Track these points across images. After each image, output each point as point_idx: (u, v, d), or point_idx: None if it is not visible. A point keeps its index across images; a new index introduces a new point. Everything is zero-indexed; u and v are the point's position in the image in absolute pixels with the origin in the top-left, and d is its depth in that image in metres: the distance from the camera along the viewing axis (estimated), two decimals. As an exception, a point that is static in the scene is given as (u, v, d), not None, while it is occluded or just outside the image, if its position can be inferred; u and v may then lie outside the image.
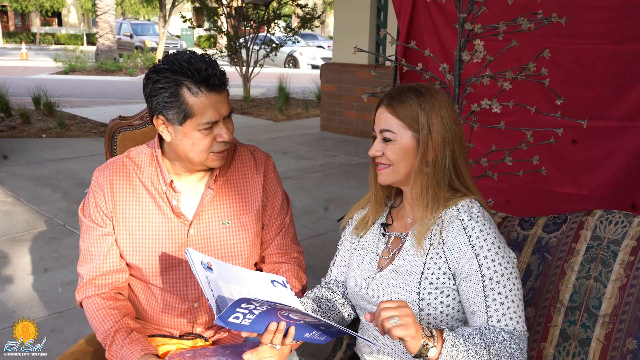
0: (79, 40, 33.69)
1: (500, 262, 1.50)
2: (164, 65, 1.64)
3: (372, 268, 1.64)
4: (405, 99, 1.54)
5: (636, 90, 3.13)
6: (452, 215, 1.56)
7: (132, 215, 1.78)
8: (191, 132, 1.65)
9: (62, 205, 5.43)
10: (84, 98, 12.63)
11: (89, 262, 1.79)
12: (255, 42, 11.71)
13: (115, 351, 1.67)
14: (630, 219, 1.74)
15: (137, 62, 19.76)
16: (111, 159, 1.85)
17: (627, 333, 1.62)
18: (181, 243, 1.80)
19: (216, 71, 1.63)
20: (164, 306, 1.84)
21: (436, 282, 1.52)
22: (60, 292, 3.72)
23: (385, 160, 1.57)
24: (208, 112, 1.63)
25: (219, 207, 1.83)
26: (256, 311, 1.32)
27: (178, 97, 1.62)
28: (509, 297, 1.49)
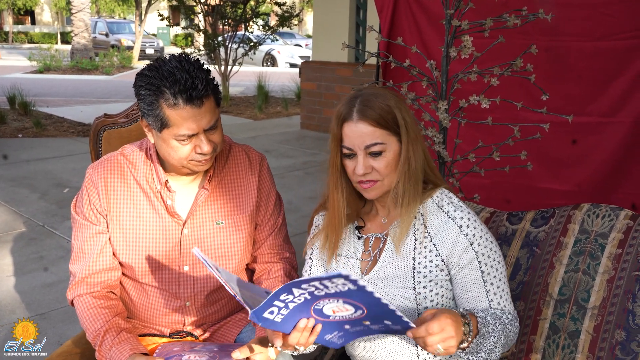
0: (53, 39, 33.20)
1: (491, 248, 1.52)
2: (148, 71, 1.61)
3: (357, 273, 1.62)
4: (376, 106, 1.48)
5: (615, 87, 3.17)
6: (432, 207, 1.57)
7: (126, 214, 1.76)
8: (169, 140, 1.63)
9: (40, 205, 5.35)
10: (60, 97, 12.45)
11: (82, 260, 1.77)
12: (234, 40, 11.66)
13: (104, 351, 1.65)
14: (617, 212, 1.77)
15: (114, 61, 19.54)
16: (105, 157, 1.83)
17: (616, 325, 1.65)
18: (175, 242, 1.79)
19: (197, 83, 1.56)
20: (155, 304, 1.83)
21: (430, 276, 1.52)
22: (42, 294, 3.66)
23: (377, 176, 1.51)
24: (185, 124, 1.59)
25: (213, 207, 1.82)
26: (292, 304, 1.29)
27: (156, 106, 1.59)
28: (502, 280, 1.53)
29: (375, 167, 1.50)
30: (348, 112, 1.50)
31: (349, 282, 1.21)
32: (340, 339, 1.44)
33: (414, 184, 1.53)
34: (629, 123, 3.11)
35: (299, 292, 1.26)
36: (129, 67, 20.07)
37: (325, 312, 1.33)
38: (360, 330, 1.40)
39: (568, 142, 3.25)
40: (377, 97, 1.50)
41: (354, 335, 1.43)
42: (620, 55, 3.13)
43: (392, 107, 1.49)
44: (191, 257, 1.81)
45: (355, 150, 1.51)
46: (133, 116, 2.24)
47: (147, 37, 24.56)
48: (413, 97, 2.22)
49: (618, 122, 3.15)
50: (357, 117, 1.49)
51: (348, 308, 1.31)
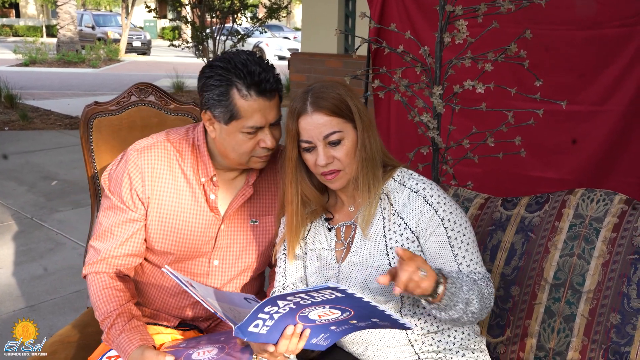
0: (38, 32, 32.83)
1: (457, 214, 1.55)
2: (220, 62, 1.61)
3: (333, 263, 1.63)
4: (328, 96, 1.51)
5: (606, 75, 3.19)
6: (394, 186, 1.60)
7: (167, 202, 1.73)
8: (235, 133, 1.62)
9: (28, 198, 5.30)
10: (46, 90, 12.32)
11: (108, 240, 1.73)
12: (222, 32, 11.58)
13: (113, 335, 1.63)
14: (612, 196, 1.77)
15: (100, 54, 19.35)
16: (151, 140, 1.77)
17: (611, 308, 1.65)
18: (210, 237, 1.77)
19: (269, 76, 1.59)
20: (175, 295, 1.82)
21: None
22: (32, 286, 3.63)
23: (339, 165, 1.54)
24: (255, 116, 1.60)
25: (251, 205, 1.81)
26: (277, 315, 1.28)
27: (227, 97, 1.59)
28: (470, 244, 1.55)
29: (336, 156, 1.53)
30: (302, 106, 1.53)
31: (337, 292, 1.20)
32: (326, 340, 1.43)
33: (373, 169, 1.56)
34: (620, 111, 3.13)
35: (284, 304, 1.25)
36: (116, 60, 19.91)
37: (310, 318, 1.32)
38: (347, 328, 1.39)
39: (559, 130, 3.26)
40: (327, 88, 1.54)
41: (340, 334, 1.42)
42: (610, 43, 3.14)
43: (344, 96, 1.53)
44: (222, 252, 1.80)
45: (314, 143, 1.53)
46: (124, 104, 2.22)
47: (133, 30, 24.34)
48: (406, 83, 2.21)
49: (609, 110, 3.16)
50: (311, 109, 1.51)
51: (334, 312, 1.30)
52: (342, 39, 8.52)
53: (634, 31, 3.05)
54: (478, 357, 1.60)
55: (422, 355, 1.57)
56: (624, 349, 1.61)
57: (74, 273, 3.76)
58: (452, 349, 1.58)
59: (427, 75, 2.18)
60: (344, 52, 8.51)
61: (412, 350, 1.57)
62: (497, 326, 1.81)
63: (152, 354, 1.57)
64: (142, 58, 22.26)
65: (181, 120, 2.24)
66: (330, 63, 8.42)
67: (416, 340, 1.57)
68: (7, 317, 3.24)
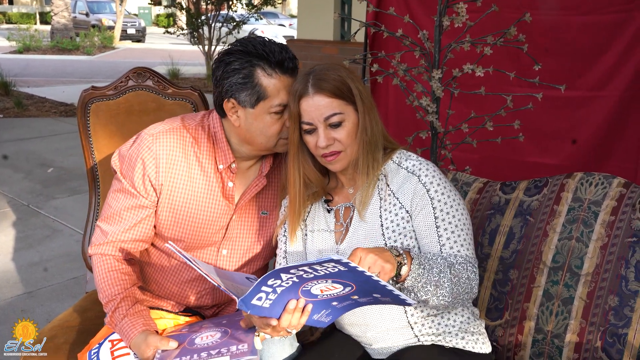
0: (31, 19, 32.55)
1: (449, 195, 1.55)
2: (239, 47, 1.62)
3: (332, 245, 1.65)
4: (329, 78, 1.52)
5: (603, 61, 3.18)
6: (392, 168, 1.61)
7: (180, 190, 1.72)
8: (262, 116, 1.63)
9: (24, 185, 5.28)
10: (41, 77, 12.24)
11: (117, 223, 1.72)
12: (217, 19, 11.52)
13: (116, 318, 1.64)
14: (610, 180, 1.77)
15: (95, 41, 19.20)
16: (166, 125, 1.74)
17: (609, 290, 1.66)
18: (221, 226, 1.77)
19: (290, 54, 1.63)
20: (182, 281, 1.82)
21: (398, 229, 1.55)
22: (29, 273, 3.63)
23: (340, 147, 1.54)
24: (281, 94, 1.61)
25: (262, 196, 1.81)
26: (280, 288, 1.28)
27: (252, 78, 1.60)
28: (459, 226, 1.54)
29: (337, 138, 1.53)
30: (303, 87, 1.54)
31: (340, 265, 1.21)
32: (327, 316, 1.44)
33: (373, 151, 1.57)
34: (617, 96, 3.13)
35: (287, 277, 1.26)
36: (111, 47, 19.76)
37: (313, 293, 1.33)
38: (348, 304, 1.39)
39: (557, 116, 3.27)
40: (328, 70, 1.55)
41: (341, 310, 1.43)
42: (607, 29, 3.13)
43: (345, 78, 1.54)
44: (231, 242, 1.80)
45: (315, 124, 1.53)
46: (121, 88, 2.21)
47: (128, 17, 24.17)
48: (405, 68, 2.20)
49: (606, 95, 3.17)
50: (313, 91, 1.52)
51: (337, 286, 1.30)
52: (339, 25, 8.48)
53: (631, 16, 3.05)
54: (477, 340, 1.61)
55: (421, 338, 1.58)
56: (621, 331, 1.62)
57: (71, 260, 3.76)
58: (451, 332, 1.59)
59: (426, 59, 2.18)
60: (340, 38, 8.48)
61: (411, 333, 1.58)
62: (495, 309, 1.81)
63: (155, 339, 1.57)
64: (137, 45, 22.13)
65: (179, 105, 2.23)
66: (326, 50, 8.39)
67: (416, 323, 1.58)
68: (5, 304, 3.24)
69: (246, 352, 1.47)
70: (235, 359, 1.46)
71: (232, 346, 1.51)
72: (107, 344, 1.64)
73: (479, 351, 1.60)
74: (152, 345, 1.56)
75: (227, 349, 1.50)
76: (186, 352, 1.52)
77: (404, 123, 3.62)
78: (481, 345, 1.61)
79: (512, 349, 1.77)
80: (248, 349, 1.48)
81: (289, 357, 1.65)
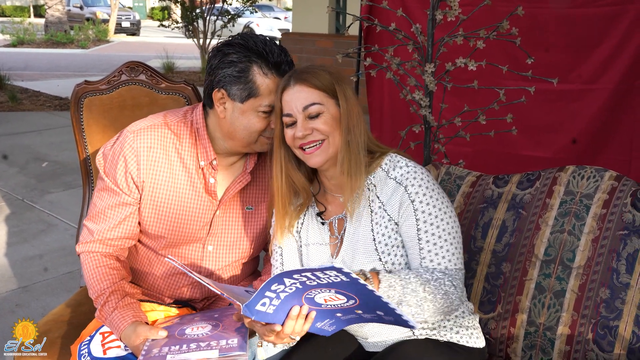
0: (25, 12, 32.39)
1: (434, 205, 1.52)
2: (240, 40, 1.62)
3: (327, 258, 1.64)
4: (315, 72, 1.53)
5: (597, 54, 3.19)
6: (381, 176, 1.58)
7: (162, 187, 1.72)
8: (249, 112, 1.63)
9: (19, 179, 5.27)
10: (35, 71, 12.19)
11: (102, 222, 1.73)
12: (212, 12, 11.48)
13: (106, 312, 1.64)
14: (602, 173, 1.78)
15: (89, 34, 19.12)
16: (148, 122, 1.75)
17: (601, 283, 1.67)
18: (205, 222, 1.77)
19: (288, 58, 1.63)
20: (169, 276, 1.83)
21: (389, 241, 1.55)
22: (24, 267, 3.62)
23: (319, 136, 1.52)
24: (272, 95, 1.61)
25: (247, 192, 1.81)
26: (283, 294, 1.28)
27: (247, 74, 1.60)
28: (442, 236, 1.52)
29: (315, 127, 1.52)
30: (287, 81, 1.55)
31: (342, 275, 1.21)
32: (331, 326, 1.44)
33: (357, 150, 1.54)
34: (610, 89, 3.15)
35: (290, 282, 1.26)
36: (105, 40, 19.70)
37: (317, 301, 1.33)
38: (352, 318, 1.39)
39: (550, 109, 3.28)
40: (314, 67, 1.56)
41: (345, 322, 1.42)
42: (600, 22, 3.14)
43: (332, 77, 1.54)
44: (216, 238, 1.80)
45: (294, 115, 1.53)
46: (114, 83, 2.20)
47: (122, 10, 24.09)
48: (398, 62, 2.20)
49: (599, 89, 3.18)
50: (294, 82, 1.54)
51: (340, 297, 1.30)
52: (333, 19, 8.47)
53: (625, 9, 3.06)
54: (472, 334, 1.62)
55: (416, 332, 1.59)
56: (612, 324, 1.63)
57: (66, 254, 3.76)
58: (446, 326, 1.60)
59: (419, 53, 2.18)
60: (335, 32, 8.47)
61: (406, 326, 1.59)
62: (488, 302, 1.82)
63: (144, 328, 1.57)
64: (132, 38, 22.05)
65: (172, 99, 2.23)
66: (321, 43, 8.38)
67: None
68: (0, 299, 3.24)
69: (235, 348, 1.48)
70: (224, 354, 1.47)
71: (222, 340, 1.51)
72: (98, 337, 1.65)
73: (473, 345, 1.61)
74: (142, 335, 1.57)
75: (216, 342, 1.50)
76: (175, 342, 1.53)
77: (399, 117, 3.63)
78: (475, 339, 1.62)
79: (505, 341, 1.78)
80: (237, 345, 1.49)
81: (283, 349, 1.65)
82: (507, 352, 1.79)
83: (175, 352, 1.48)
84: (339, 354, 1.67)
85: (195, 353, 1.47)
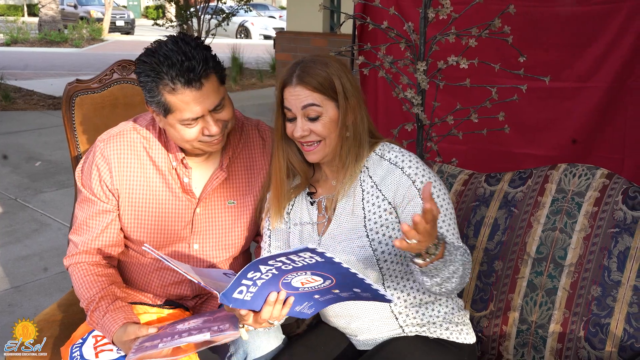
0: (19, 11, 32.25)
1: (434, 186, 1.55)
2: (144, 57, 1.56)
3: (314, 236, 1.65)
4: (314, 72, 1.53)
5: (590, 52, 3.19)
6: (374, 159, 1.61)
7: (138, 191, 1.72)
8: (175, 125, 1.60)
9: (13, 179, 5.25)
10: (28, 70, 12.14)
11: (85, 233, 1.73)
12: (207, 11, 11.45)
13: (97, 318, 1.64)
14: (594, 171, 1.79)
15: (83, 33, 19.04)
16: (117, 129, 1.75)
17: (592, 281, 1.68)
18: (187, 221, 1.77)
19: (193, 64, 1.51)
20: (159, 279, 1.82)
21: (380, 221, 1.56)
22: (16, 267, 3.61)
23: (315, 137, 1.55)
24: (188, 108, 1.54)
25: (227, 187, 1.80)
26: (260, 281, 1.29)
27: (156, 93, 1.55)
28: (448, 216, 1.55)
29: (313, 129, 1.54)
30: (288, 77, 1.55)
31: (316, 255, 1.22)
32: (310, 308, 1.45)
33: (357, 147, 1.58)
34: (604, 88, 3.15)
35: (266, 269, 1.26)
36: (99, 39, 19.62)
37: (294, 285, 1.34)
38: (330, 298, 1.40)
39: (543, 107, 3.28)
40: (316, 63, 1.55)
41: (323, 303, 1.44)
42: (594, 20, 3.14)
43: (331, 74, 1.54)
44: (201, 236, 1.79)
45: (294, 112, 1.55)
46: (106, 81, 2.19)
47: (117, 9, 23.99)
48: (391, 60, 2.20)
49: (592, 87, 3.18)
50: (295, 82, 1.54)
51: (317, 279, 1.31)
52: (328, 17, 8.46)
53: (618, 8, 3.06)
54: (462, 331, 1.62)
55: (406, 329, 1.59)
56: (604, 321, 1.64)
57: (59, 254, 3.74)
58: (436, 323, 1.60)
59: (411, 51, 2.17)
60: (330, 30, 8.46)
61: (396, 324, 1.59)
62: (480, 300, 1.83)
63: (134, 328, 1.57)
64: (126, 37, 21.97)
65: (164, 98, 2.22)
66: (315, 42, 8.37)
67: (400, 313, 1.59)
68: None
69: (227, 329, 1.48)
70: (216, 334, 1.47)
71: (214, 326, 1.52)
72: (91, 340, 1.64)
73: (463, 341, 1.61)
74: (132, 335, 1.56)
75: (207, 328, 1.51)
76: (167, 334, 1.53)
77: (392, 115, 3.63)
78: (465, 335, 1.62)
79: (497, 339, 1.78)
80: (229, 327, 1.49)
81: (274, 349, 1.65)
82: (499, 350, 1.79)
83: (167, 341, 1.49)
84: (330, 353, 1.67)
85: (187, 338, 1.48)
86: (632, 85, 3.06)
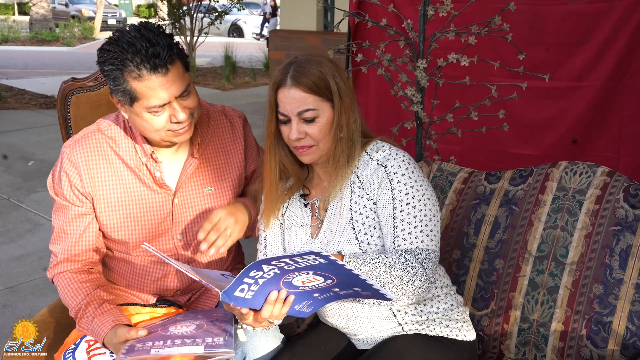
0: (9, 9, 32.04)
1: (412, 186, 1.52)
2: (107, 45, 1.54)
3: (307, 239, 1.64)
4: (308, 71, 1.50)
5: (584, 51, 3.20)
6: (364, 160, 1.59)
7: (112, 192, 1.70)
8: (142, 113, 1.57)
9: (5, 179, 5.21)
10: (20, 69, 12.07)
11: (64, 240, 1.72)
12: (199, 10, 11.42)
13: (85, 323, 1.62)
14: (595, 169, 1.78)
15: (75, 32, 18.96)
16: (81, 134, 1.74)
17: (594, 279, 1.67)
18: (166, 213, 1.75)
19: (158, 50, 1.50)
20: (147, 275, 1.80)
21: (367, 221, 1.54)
22: (10, 267, 3.58)
23: (310, 142, 1.54)
24: (154, 94, 1.53)
25: (202, 174, 1.78)
26: (261, 280, 1.29)
27: (121, 81, 1.53)
28: (418, 217, 1.50)
29: (309, 133, 1.52)
30: (282, 78, 1.52)
31: (320, 258, 1.22)
32: (309, 307, 1.44)
33: (349, 147, 1.56)
34: (598, 87, 3.15)
35: (268, 268, 1.26)
36: (91, 38, 19.53)
37: (294, 284, 1.33)
38: (329, 296, 1.40)
39: (538, 107, 3.28)
40: (310, 63, 1.52)
41: (323, 302, 1.44)
42: (588, 19, 3.14)
43: (326, 74, 1.51)
44: (182, 226, 1.78)
45: (289, 116, 1.52)
46: (102, 79, 2.17)
47: (108, 7, 23.88)
48: (389, 58, 2.19)
49: (587, 85, 3.18)
50: (290, 83, 1.50)
51: (317, 278, 1.31)
52: (322, 16, 8.44)
53: (612, 6, 3.06)
54: (461, 328, 1.61)
55: (405, 327, 1.58)
56: (606, 319, 1.63)
57: (53, 253, 3.71)
58: (435, 320, 1.59)
59: (410, 49, 2.17)
60: (324, 29, 8.45)
61: (395, 321, 1.58)
62: (481, 299, 1.82)
63: (124, 330, 1.55)
64: (118, 36, 21.85)
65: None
66: (309, 40, 8.35)
67: (399, 311, 1.58)
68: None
69: (221, 345, 1.48)
70: (210, 350, 1.46)
71: (208, 338, 1.51)
72: (84, 345, 1.63)
73: (463, 339, 1.60)
74: (122, 337, 1.54)
75: (202, 340, 1.50)
76: (159, 337, 1.52)
77: (386, 113, 3.61)
78: (465, 332, 1.61)
79: (498, 338, 1.77)
80: (223, 342, 1.49)
81: (273, 350, 1.64)
82: (500, 349, 1.78)
83: (160, 346, 1.47)
84: (330, 352, 1.66)
85: (180, 348, 1.46)
86: (627, 84, 3.07)
